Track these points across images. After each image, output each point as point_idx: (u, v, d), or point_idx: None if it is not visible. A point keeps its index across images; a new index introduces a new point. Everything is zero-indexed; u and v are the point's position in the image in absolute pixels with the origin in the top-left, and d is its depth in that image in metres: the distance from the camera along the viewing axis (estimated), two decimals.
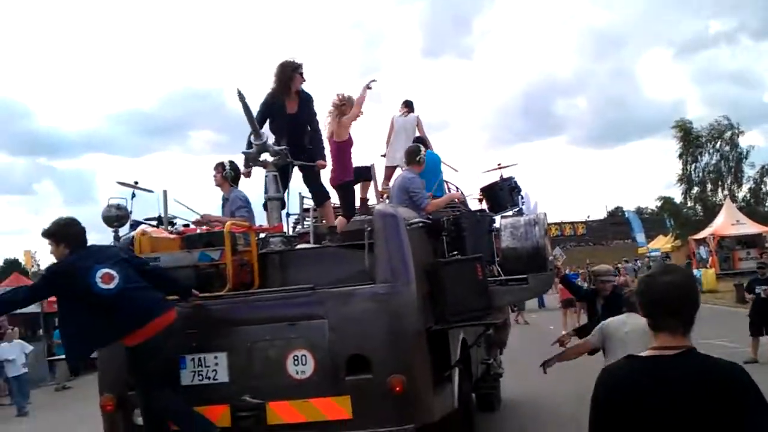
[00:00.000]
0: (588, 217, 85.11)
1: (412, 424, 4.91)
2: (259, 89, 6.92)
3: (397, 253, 5.21)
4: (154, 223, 6.90)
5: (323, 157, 6.70)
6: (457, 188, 9.28)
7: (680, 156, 42.37)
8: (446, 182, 8.99)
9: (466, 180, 9.30)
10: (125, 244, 5.68)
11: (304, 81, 6.67)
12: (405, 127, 9.63)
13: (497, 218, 7.25)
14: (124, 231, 5.76)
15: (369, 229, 5.30)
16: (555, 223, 79.55)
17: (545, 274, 6.32)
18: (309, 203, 7.38)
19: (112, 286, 4.92)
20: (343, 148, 6.98)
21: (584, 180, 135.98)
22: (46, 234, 5.12)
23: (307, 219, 7.70)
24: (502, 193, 7.72)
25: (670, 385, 2.13)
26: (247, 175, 6.76)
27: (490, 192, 7.94)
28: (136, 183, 7.37)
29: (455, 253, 6.00)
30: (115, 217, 5.63)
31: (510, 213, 7.34)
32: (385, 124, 9.95)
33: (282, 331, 5.10)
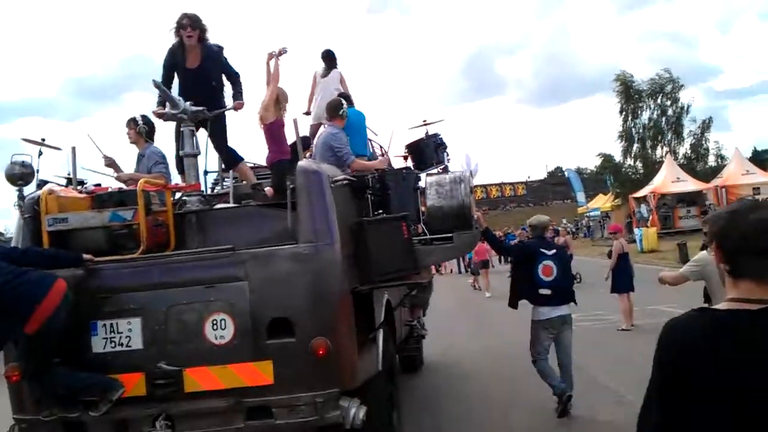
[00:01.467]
0: (528, 177, 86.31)
1: (336, 388, 4.78)
2: None
3: (321, 212, 5.02)
4: (64, 182, 6.53)
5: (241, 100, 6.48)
6: (381, 147, 9.11)
7: (620, 111, 41.91)
8: (370, 141, 8.81)
9: (394, 138, 9.11)
10: (30, 203, 5.30)
11: (200, 34, 6.41)
12: (328, 83, 9.31)
13: (423, 176, 7.13)
14: (29, 190, 5.34)
15: (291, 186, 5.08)
16: (495, 184, 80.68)
17: (470, 232, 6.24)
18: None
19: None
20: (272, 129, 6.67)
21: (525, 140, 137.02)
22: None
23: (227, 178, 7.42)
24: (428, 150, 7.58)
25: (754, 347, 1.77)
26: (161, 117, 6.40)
27: (415, 149, 7.80)
28: (43, 140, 6.93)
29: (380, 212, 5.86)
30: (20, 174, 5.20)
31: (435, 170, 7.22)
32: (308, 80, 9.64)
33: (199, 295, 4.87)
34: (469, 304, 18.67)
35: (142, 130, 6.62)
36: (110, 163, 6.98)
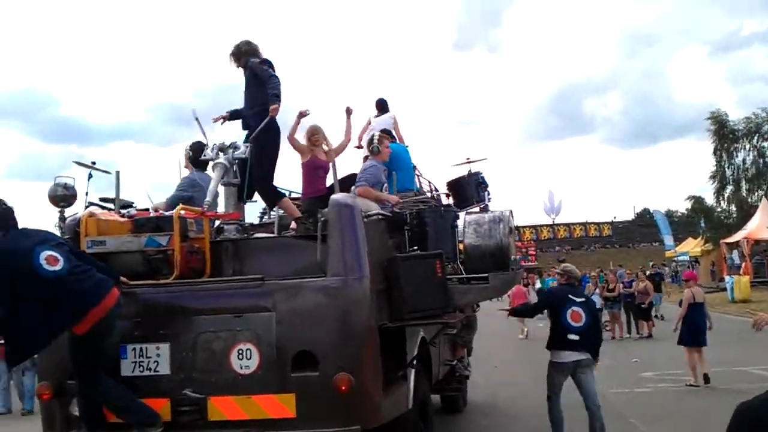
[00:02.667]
0: (614, 218, 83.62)
1: (357, 425, 4.71)
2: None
3: (351, 246, 5.00)
4: (111, 205, 6.67)
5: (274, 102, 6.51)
6: (429, 182, 9.12)
7: (714, 152, 39.41)
8: (418, 176, 8.82)
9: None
10: (71, 225, 5.43)
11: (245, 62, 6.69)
12: (379, 122, 9.44)
13: (462, 214, 7.08)
14: (72, 211, 5.51)
15: (323, 219, 5.09)
16: (579, 224, 79.00)
17: (507, 273, 6.15)
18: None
19: (58, 267, 4.65)
20: (316, 168, 6.89)
21: (613, 180, 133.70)
22: None
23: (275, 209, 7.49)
24: (469, 188, 7.53)
25: None
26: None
27: (456, 186, 7.76)
28: (93, 163, 7.13)
29: (415, 248, 5.82)
30: (62, 196, 5.38)
31: (476, 209, 7.16)
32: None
33: (227, 323, 4.88)
34: (512, 346, 18.43)
35: (188, 156, 6.73)
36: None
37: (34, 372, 12.28)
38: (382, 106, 9.74)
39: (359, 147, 9.25)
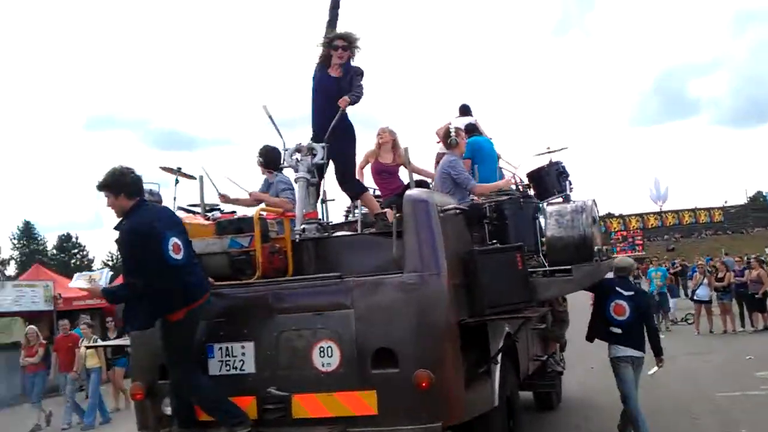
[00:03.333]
0: (726, 202, 78.52)
1: (439, 422, 4.69)
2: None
3: (428, 241, 4.97)
4: (197, 209, 6.88)
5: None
6: (513, 175, 8.98)
7: None
8: (501, 168, 8.71)
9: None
10: None
11: (349, 56, 6.51)
12: (460, 121, 9.36)
13: (544, 205, 6.93)
14: None
15: (398, 215, 5.09)
16: (689, 210, 75.77)
17: (590, 265, 5.98)
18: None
19: (179, 257, 4.85)
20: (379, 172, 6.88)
21: (722, 163, 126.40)
22: (103, 186, 4.91)
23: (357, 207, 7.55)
24: (549, 179, 7.37)
25: None
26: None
27: (536, 177, 7.61)
28: (179, 169, 7.38)
29: (494, 241, 5.74)
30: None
31: (558, 199, 7.00)
32: None
33: (309, 321, 4.96)
34: None
35: (260, 162, 6.79)
36: (226, 199, 7.19)
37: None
38: (465, 111, 9.62)
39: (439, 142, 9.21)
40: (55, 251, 68.57)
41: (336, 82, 6.43)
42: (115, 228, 4.86)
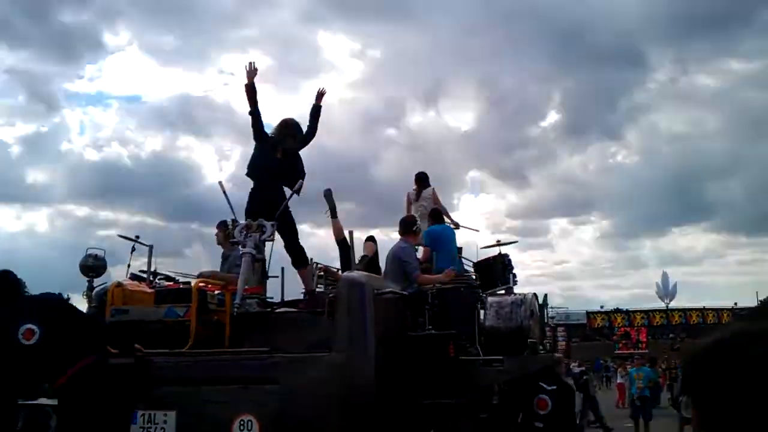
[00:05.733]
0: (735, 304, 79.11)
1: None
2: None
3: (358, 323, 5.07)
4: (146, 276, 6.98)
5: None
6: (466, 264, 9.13)
7: None
8: (461, 257, 8.87)
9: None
10: (98, 295, 5.72)
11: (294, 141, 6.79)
12: (422, 204, 9.58)
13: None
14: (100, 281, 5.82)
15: (331, 296, 5.20)
16: (696, 309, 74.66)
17: (522, 356, 6.06)
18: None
19: (32, 342, 4.93)
20: None
21: (734, 266, 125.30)
22: None
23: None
24: (495, 271, 7.53)
25: None
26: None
27: (483, 268, 7.76)
28: (137, 237, 7.52)
29: (430, 328, 5.83)
30: (91, 266, 5.71)
31: (502, 291, 7.14)
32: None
33: (233, 394, 4.98)
34: None
35: (230, 234, 6.94)
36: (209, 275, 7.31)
37: None
38: (421, 181, 9.77)
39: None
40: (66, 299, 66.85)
41: (280, 163, 6.64)
42: None
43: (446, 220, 9.14)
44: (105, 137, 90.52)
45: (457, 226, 9.27)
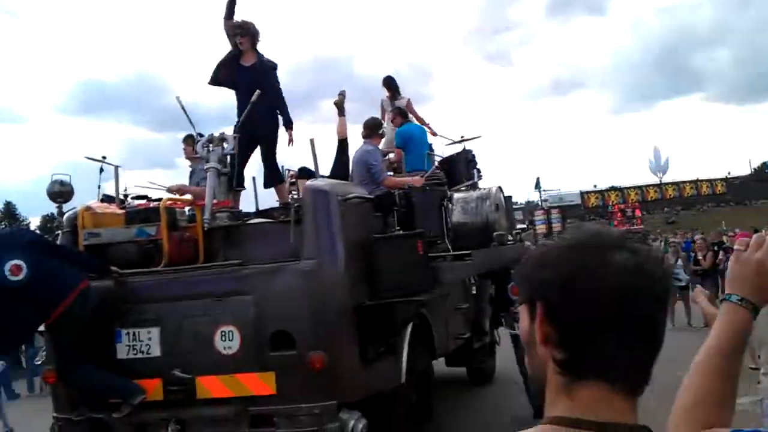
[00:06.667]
0: (729, 173, 75.42)
1: (334, 400, 4.95)
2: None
3: (325, 230, 5.21)
4: (121, 197, 7.03)
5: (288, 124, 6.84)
6: (437, 162, 9.22)
7: None
8: (430, 154, 8.95)
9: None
10: (69, 219, 5.78)
11: (252, 40, 6.86)
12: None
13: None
14: (69, 206, 5.87)
15: (297, 205, 5.31)
16: (690, 182, 72.90)
17: (489, 249, 6.26)
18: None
19: (21, 277, 5.03)
20: None
21: (726, 136, 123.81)
22: None
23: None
24: (460, 167, 7.64)
25: None
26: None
27: (447, 166, 7.88)
28: (104, 158, 7.50)
29: (397, 228, 5.98)
30: (59, 192, 5.75)
31: (464, 187, 7.28)
32: None
33: (211, 307, 5.16)
34: None
35: (184, 150, 7.03)
36: (176, 189, 7.41)
37: None
38: (390, 87, 9.67)
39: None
40: (39, 232, 66.63)
41: (249, 71, 6.64)
42: None
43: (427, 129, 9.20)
44: None
45: (434, 133, 9.31)
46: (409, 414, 6.03)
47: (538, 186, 64.94)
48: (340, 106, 7.67)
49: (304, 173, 7.32)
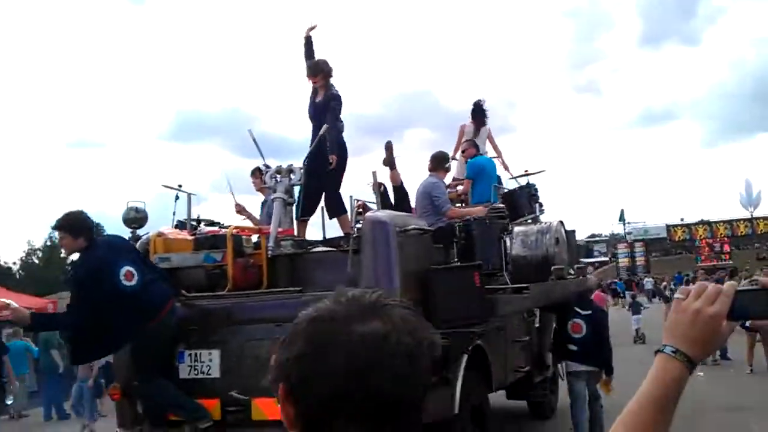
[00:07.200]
0: None
1: None
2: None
3: (382, 260, 5.33)
4: (194, 223, 7.35)
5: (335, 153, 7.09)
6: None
7: None
8: (498, 187, 9.00)
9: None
10: (142, 244, 6.08)
11: (324, 78, 7.22)
12: (481, 137, 9.61)
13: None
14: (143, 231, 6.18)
15: (356, 235, 5.45)
16: None
17: (546, 283, 6.25)
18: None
19: (133, 283, 5.28)
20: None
21: None
22: (63, 227, 5.37)
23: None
24: (521, 201, 7.67)
25: None
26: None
27: (509, 199, 7.91)
28: (180, 186, 7.86)
29: (456, 260, 6.05)
30: (133, 219, 6.07)
31: (529, 220, 7.29)
32: None
33: (270, 332, 5.32)
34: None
35: (253, 182, 7.31)
36: (240, 210, 7.78)
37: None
38: (477, 113, 9.74)
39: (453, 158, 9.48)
40: None
41: (318, 108, 6.92)
42: (72, 266, 5.32)
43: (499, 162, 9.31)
44: None
45: (507, 168, 9.40)
46: None
47: (622, 218, 63.41)
48: (388, 162, 7.92)
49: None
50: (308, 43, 7.37)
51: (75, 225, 5.39)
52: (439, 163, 7.52)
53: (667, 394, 1.18)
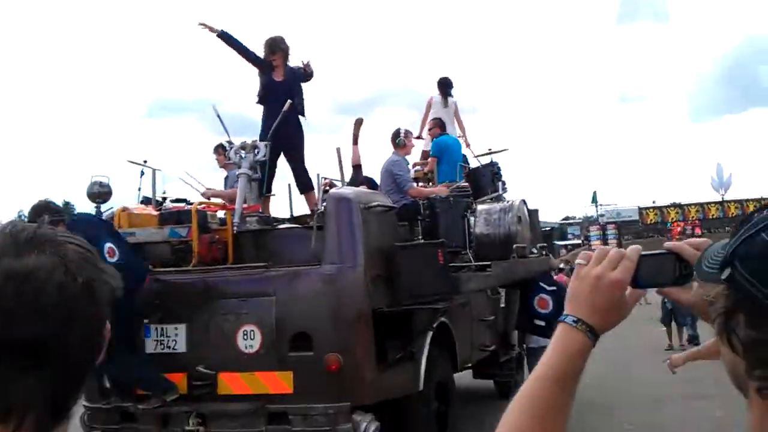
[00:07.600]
0: None
1: (348, 402, 5.11)
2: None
3: (347, 236, 5.39)
4: (161, 199, 7.34)
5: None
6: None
7: None
8: (463, 165, 9.08)
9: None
10: (108, 219, 6.07)
11: (283, 56, 7.17)
12: (448, 113, 9.65)
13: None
14: (106, 206, 6.16)
15: (320, 211, 5.51)
16: (753, 200, 71.39)
17: (509, 262, 6.37)
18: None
19: (115, 259, 5.29)
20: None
21: None
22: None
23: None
24: (484, 179, 7.77)
25: None
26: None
27: (472, 177, 8.01)
28: (145, 162, 7.83)
29: (419, 237, 6.13)
30: (98, 193, 6.05)
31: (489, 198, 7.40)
32: None
33: (235, 307, 5.38)
34: None
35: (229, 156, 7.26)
36: (210, 195, 7.75)
37: None
38: (444, 87, 9.79)
39: (419, 137, 9.54)
40: None
41: (281, 85, 6.90)
42: None
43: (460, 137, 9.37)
44: None
45: (468, 145, 9.46)
46: (427, 421, 6.16)
47: (594, 200, 63.96)
48: (353, 138, 7.95)
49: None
50: (224, 36, 7.14)
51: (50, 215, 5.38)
52: (392, 140, 7.59)
53: (568, 369, 1.06)
